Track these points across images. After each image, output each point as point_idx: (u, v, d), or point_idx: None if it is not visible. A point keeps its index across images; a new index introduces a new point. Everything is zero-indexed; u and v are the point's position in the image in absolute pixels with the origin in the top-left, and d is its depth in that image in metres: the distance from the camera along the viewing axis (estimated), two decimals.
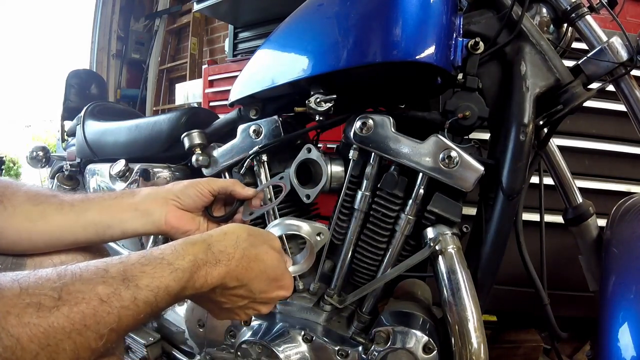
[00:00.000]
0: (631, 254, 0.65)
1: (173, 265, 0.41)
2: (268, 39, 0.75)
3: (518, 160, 0.63)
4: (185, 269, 0.42)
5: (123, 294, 0.36)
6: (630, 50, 0.63)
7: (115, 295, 0.36)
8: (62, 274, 0.36)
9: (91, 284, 0.36)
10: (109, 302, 0.35)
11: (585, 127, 1.29)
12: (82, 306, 0.34)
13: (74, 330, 0.33)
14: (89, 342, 0.34)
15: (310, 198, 0.72)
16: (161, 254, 0.42)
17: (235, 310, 0.53)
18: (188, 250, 0.44)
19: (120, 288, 0.37)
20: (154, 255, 0.42)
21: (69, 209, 0.59)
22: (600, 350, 0.60)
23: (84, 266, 0.38)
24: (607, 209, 0.79)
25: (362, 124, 0.65)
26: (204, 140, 0.83)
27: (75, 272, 0.36)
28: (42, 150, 1.64)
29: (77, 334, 0.33)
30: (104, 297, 0.35)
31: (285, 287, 0.56)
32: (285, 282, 0.56)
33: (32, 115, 6.49)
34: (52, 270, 0.36)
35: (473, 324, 0.60)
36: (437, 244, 0.63)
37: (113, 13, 4.24)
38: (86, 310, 0.34)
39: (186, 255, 0.43)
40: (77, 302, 0.34)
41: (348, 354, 0.68)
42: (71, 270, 0.37)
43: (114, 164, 0.99)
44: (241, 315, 0.55)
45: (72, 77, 1.71)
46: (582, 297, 1.15)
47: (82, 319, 0.34)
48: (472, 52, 0.63)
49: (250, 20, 2.52)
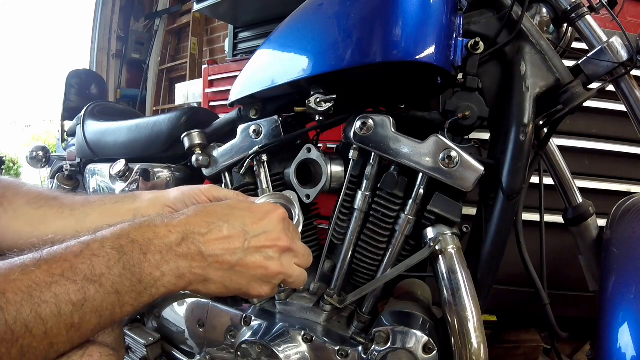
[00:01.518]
0: (631, 254, 0.65)
1: (130, 221, 0.44)
2: (268, 39, 0.75)
3: (518, 160, 0.63)
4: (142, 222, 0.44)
5: (92, 245, 0.40)
6: (630, 50, 0.63)
7: (87, 247, 0.39)
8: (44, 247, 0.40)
9: (67, 245, 0.40)
10: (82, 254, 0.39)
11: (585, 127, 1.29)
12: (60, 262, 0.37)
13: (53, 282, 0.36)
14: (68, 294, 0.36)
15: (310, 198, 0.72)
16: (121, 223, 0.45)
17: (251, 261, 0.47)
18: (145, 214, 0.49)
19: (89, 242, 0.40)
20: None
21: (69, 213, 0.60)
22: (600, 350, 0.60)
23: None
24: (607, 209, 0.79)
25: (362, 124, 0.65)
26: (204, 140, 0.83)
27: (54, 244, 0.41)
28: (42, 150, 1.64)
29: (56, 285, 0.36)
30: (77, 251, 0.39)
31: (271, 210, 0.51)
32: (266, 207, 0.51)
33: (32, 115, 6.50)
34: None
35: (473, 324, 0.60)
36: (437, 244, 0.63)
37: (113, 13, 4.24)
38: (64, 264, 0.37)
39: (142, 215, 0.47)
40: (56, 259, 0.38)
41: (348, 354, 0.68)
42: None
43: (114, 164, 1.00)
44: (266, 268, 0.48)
45: (72, 77, 1.71)
46: (582, 297, 1.15)
47: (61, 272, 0.37)
48: (472, 52, 0.63)
49: (250, 20, 2.52)
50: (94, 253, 0.39)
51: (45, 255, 0.38)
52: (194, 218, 0.46)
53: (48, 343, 0.36)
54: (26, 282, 0.35)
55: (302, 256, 0.53)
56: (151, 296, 0.42)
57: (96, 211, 0.61)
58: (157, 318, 0.91)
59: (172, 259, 0.43)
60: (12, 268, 0.36)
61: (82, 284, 0.37)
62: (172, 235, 0.43)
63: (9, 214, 0.57)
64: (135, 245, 0.41)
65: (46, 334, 0.35)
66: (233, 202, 0.51)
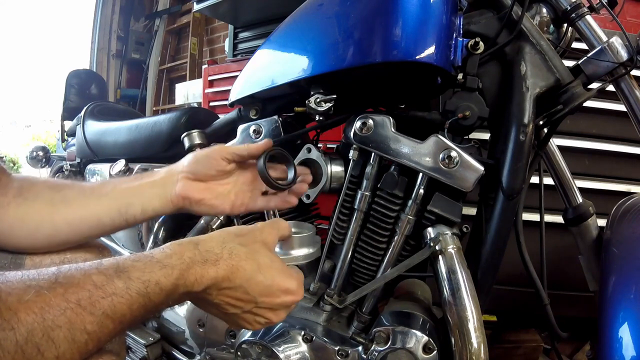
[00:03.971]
0: (631, 254, 0.65)
1: (161, 262, 0.43)
2: (268, 39, 0.75)
3: (518, 160, 0.63)
4: (174, 265, 0.43)
5: (116, 282, 0.39)
6: (630, 50, 0.63)
7: (109, 282, 0.38)
8: (60, 267, 0.39)
9: (86, 272, 0.38)
10: (102, 288, 0.38)
11: (585, 127, 1.28)
12: (77, 288, 0.37)
13: (68, 308, 0.35)
14: (84, 323, 0.36)
15: (310, 198, 0.72)
16: (150, 253, 0.44)
17: (243, 317, 0.51)
18: (175, 250, 0.45)
19: (113, 277, 0.39)
20: (144, 255, 0.43)
21: (90, 192, 0.60)
22: (600, 350, 0.60)
23: (80, 263, 0.40)
24: (607, 209, 0.79)
25: (362, 124, 0.65)
26: (204, 140, 0.83)
27: (72, 265, 0.39)
28: (42, 150, 1.65)
29: (71, 312, 0.35)
30: (98, 283, 0.38)
31: (291, 291, 0.52)
32: (289, 285, 0.51)
33: (32, 115, 6.51)
34: (52, 267, 0.39)
35: (473, 324, 0.60)
36: (437, 244, 0.63)
37: (113, 13, 4.24)
38: (81, 293, 0.36)
39: (173, 254, 0.44)
40: (73, 284, 0.37)
41: (348, 354, 0.68)
42: (68, 264, 0.40)
43: (114, 164, 1.00)
44: (252, 323, 0.52)
45: (72, 77, 1.72)
46: (582, 297, 1.15)
47: (77, 299, 0.36)
48: (472, 52, 0.63)
49: (250, 20, 2.52)
50: (115, 292, 0.38)
51: (62, 278, 0.37)
52: (223, 272, 0.46)
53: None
54: (39, 303, 0.34)
55: (294, 292, 0.53)
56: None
57: (117, 187, 0.61)
58: (157, 318, 0.91)
59: (184, 299, 0.46)
60: (26, 288, 0.35)
61: (100, 318, 0.37)
62: (197, 287, 0.45)
63: (29, 200, 0.57)
64: (162, 294, 0.42)
65: (58, 357, 0.35)
66: (264, 260, 0.50)
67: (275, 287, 0.50)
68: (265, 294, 0.50)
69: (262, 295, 0.49)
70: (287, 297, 0.51)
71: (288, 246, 0.60)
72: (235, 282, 0.47)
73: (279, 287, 0.51)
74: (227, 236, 0.50)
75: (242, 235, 0.51)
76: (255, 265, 0.49)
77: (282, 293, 0.51)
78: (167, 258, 0.43)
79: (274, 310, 0.52)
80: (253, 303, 0.50)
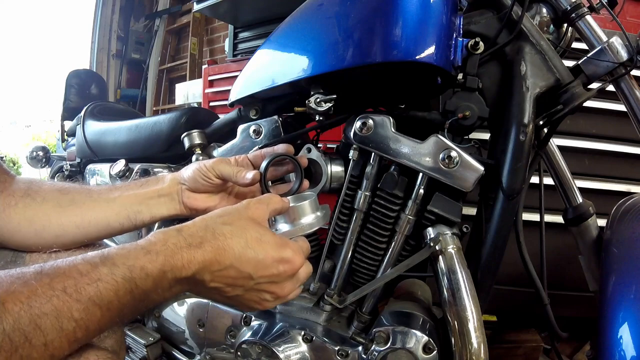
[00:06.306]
0: (631, 254, 0.65)
1: (146, 248, 0.43)
2: (268, 39, 0.75)
3: (518, 160, 0.63)
4: (158, 251, 0.43)
5: (101, 268, 0.39)
6: (630, 50, 0.63)
7: (94, 269, 0.39)
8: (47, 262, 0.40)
9: (71, 262, 0.39)
10: (88, 275, 0.38)
11: (585, 127, 1.29)
12: (62, 277, 0.37)
13: (54, 296, 0.36)
14: (71, 310, 0.36)
15: None
16: (135, 242, 0.44)
17: (248, 297, 0.50)
18: (159, 237, 0.45)
19: (98, 264, 0.40)
20: (129, 244, 0.44)
21: (98, 195, 0.62)
22: (600, 350, 0.61)
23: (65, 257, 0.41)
24: (607, 209, 0.79)
25: (362, 124, 0.65)
26: (204, 140, 0.83)
27: (58, 259, 0.40)
28: (42, 150, 1.65)
29: (57, 299, 0.36)
30: (83, 271, 0.38)
31: (286, 260, 0.50)
32: (283, 254, 0.49)
33: (32, 115, 6.51)
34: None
35: (473, 324, 0.60)
36: (437, 244, 0.63)
37: (113, 13, 4.24)
38: (67, 281, 0.37)
39: (157, 241, 0.44)
40: (58, 274, 0.37)
41: (348, 354, 0.68)
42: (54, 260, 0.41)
43: (114, 164, 0.99)
44: (260, 302, 0.51)
45: (72, 77, 1.71)
46: (582, 297, 1.15)
47: (62, 287, 0.37)
48: (472, 52, 0.63)
49: (250, 20, 2.52)
50: (100, 278, 0.39)
51: (48, 269, 0.38)
52: (210, 254, 0.46)
53: (49, 355, 0.36)
54: (26, 293, 0.35)
55: (290, 261, 0.51)
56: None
57: (124, 194, 0.63)
58: (157, 318, 0.91)
59: (177, 288, 0.46)
60: (13, 280, 0.36)
61: (87, 305, 0.37)
62: (185, 272, 0.44)
63: (38, 201, 0.58)
64: (149, 279, 0.42)
65: (46, 345, 0.35)
66: (252, 235, 0.49)
67: (269, 260, 0.49)
68: (259, 268, 0.48)
69: (257, 270, 0.48)
70: (284, 266, 0.50)
71: (290, 218, 0.58)
72: (225, 262, 0.46)
73: (273, 258, 0.49)
74: (209, 219, 0.49)
75: (226, 215, 0.50)
76: (243, 241, 0.48)
77: (278, 263, 0.49)
78: (151, 245, 0.44)
79: (276, 283, 0.50)
80: (251, 280, 0.48)
